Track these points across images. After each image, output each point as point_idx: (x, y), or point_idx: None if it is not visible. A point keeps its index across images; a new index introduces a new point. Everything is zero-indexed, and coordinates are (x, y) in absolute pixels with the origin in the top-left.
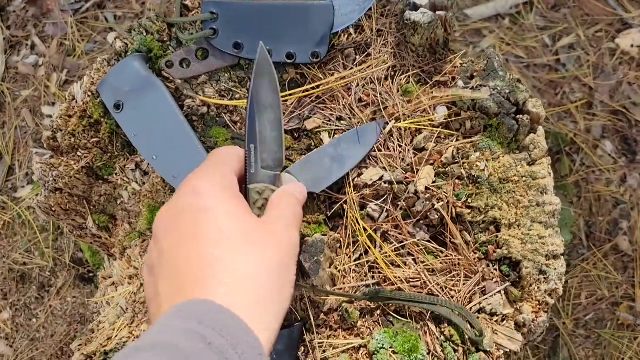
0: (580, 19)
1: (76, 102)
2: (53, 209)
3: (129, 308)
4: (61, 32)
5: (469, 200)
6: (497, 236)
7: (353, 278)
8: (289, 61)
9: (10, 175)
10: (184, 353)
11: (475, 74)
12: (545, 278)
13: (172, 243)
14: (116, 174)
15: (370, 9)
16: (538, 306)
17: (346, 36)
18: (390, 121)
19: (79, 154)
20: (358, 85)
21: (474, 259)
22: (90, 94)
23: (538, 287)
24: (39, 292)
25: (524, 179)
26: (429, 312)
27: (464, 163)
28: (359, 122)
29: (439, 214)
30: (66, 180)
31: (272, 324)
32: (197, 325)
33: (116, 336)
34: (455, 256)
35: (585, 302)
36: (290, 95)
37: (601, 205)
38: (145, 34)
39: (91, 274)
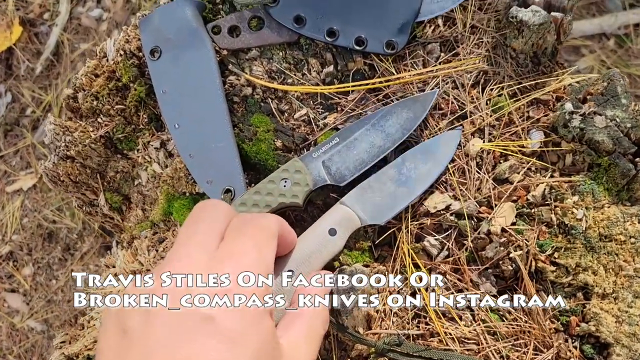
0: None
1: (107, 60)
2: (61, 178)
3: None
4: None
5: (555, 255)
6: (584, 306)
7: (393, 323)
8: (357, 48)
9: None
10: None
11: (589, 97)
12: None
13: (165, 346)
14: (137, 150)
15: None
16: None
17: (432, 27)
18: (471, 139)
19: (99, 120)
20: (438, 87)
21: (550, 329)
22: (122, 53)
23: None
24: (63, 253)
25: (632, 239)
26: None
27: (555, 207)
28: (430, 134)
29: (513, 265)
30: (80, 148)
31: None
32: None
33: None
34: (525, 321)
35: None
36: (352, 87)
37: None
38: None
39: None
